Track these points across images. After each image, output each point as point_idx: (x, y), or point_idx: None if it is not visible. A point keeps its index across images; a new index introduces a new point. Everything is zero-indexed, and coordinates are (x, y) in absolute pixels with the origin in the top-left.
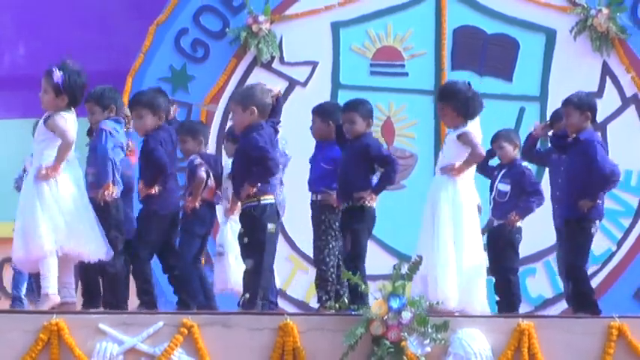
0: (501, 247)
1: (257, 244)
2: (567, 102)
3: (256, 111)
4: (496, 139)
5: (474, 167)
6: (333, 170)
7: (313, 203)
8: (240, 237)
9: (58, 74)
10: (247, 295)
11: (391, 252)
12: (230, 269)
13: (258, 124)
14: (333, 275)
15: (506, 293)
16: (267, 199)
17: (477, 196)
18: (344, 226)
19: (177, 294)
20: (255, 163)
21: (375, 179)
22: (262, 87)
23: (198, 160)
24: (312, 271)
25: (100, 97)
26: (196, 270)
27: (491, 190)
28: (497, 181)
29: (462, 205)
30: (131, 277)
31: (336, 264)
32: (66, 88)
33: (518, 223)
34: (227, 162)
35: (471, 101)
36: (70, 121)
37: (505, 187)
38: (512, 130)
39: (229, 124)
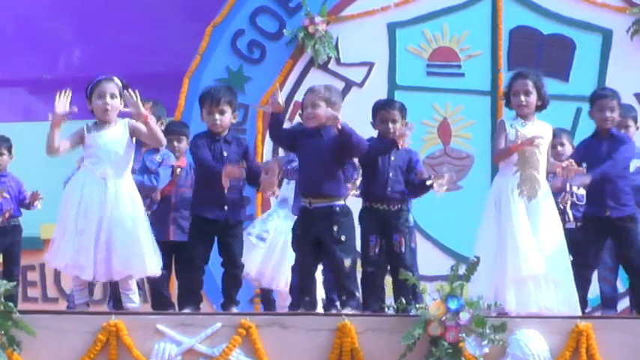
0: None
1: (352, 242)
2: (614, 95)
3: (338, 111)
4: (557, 135)
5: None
6: None
7: None
8: (335, 234)
9: (121, 80)
10: (358, 294)
11: (448, 252)
12: (256, 257)
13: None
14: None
15: None
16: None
17: None
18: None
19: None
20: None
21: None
22: None
23: None
24: None
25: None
26: None
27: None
28: (570, 184)
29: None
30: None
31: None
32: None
33: None
34: None
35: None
36: None
37: (582, 191)
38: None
39: None
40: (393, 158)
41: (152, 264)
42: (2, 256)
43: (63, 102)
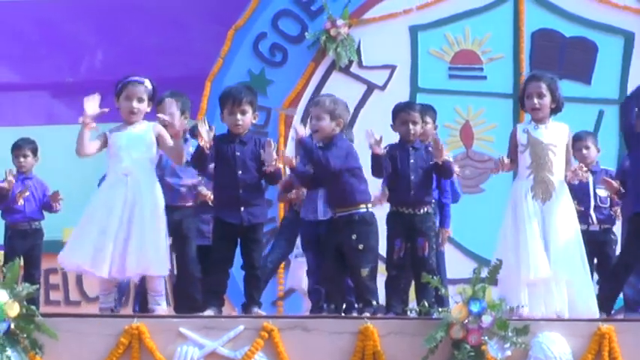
0: (609, 253)
1: (372, 250)
2: None
3: (342, 124)
4: (582, 138)
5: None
6: None
7: None
8: (353, 243)
9: (150, 84)
10: (375, 303)
11: (470, 255)
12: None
13: (340, 135)
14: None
15: None
16: (370, 206)
17: None
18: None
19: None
20: (354, 173)
21: None
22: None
23: None
24: None
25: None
26: None
27: (585, 197)
28: (593, 186)
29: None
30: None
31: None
32: (154, 97)
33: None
34: None
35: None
36: None
37: (605, 192)
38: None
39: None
40: (412, 161)
41: (166, 264)
42: (23, 260)
43: (93, 104)
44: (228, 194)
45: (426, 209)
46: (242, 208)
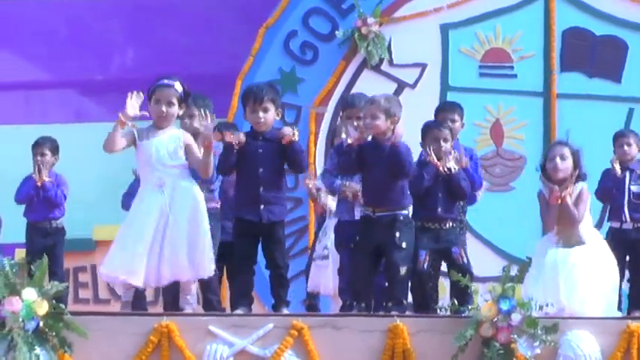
0: None
1: (410, 251)
2: None
3: (396, 121)
4: (625, 135)
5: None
6: None
7: None
8: (397, 240)
9: (181, 86)
10: (405, 303)
11: (499, 253)
12: (329, 274)
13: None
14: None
15: None
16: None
17: None
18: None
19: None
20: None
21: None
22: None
23: None
24: None
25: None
26: None
27: (619, 193)
28: (629, 183)
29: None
30: None
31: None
32: (186, 99)
33: None
34: None
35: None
36: None
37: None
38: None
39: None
40: (441, 178)
41: (202, 269)
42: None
43: (134, 104)
44: (248, 192)
45: (452, 224)
46: (262, 206)
